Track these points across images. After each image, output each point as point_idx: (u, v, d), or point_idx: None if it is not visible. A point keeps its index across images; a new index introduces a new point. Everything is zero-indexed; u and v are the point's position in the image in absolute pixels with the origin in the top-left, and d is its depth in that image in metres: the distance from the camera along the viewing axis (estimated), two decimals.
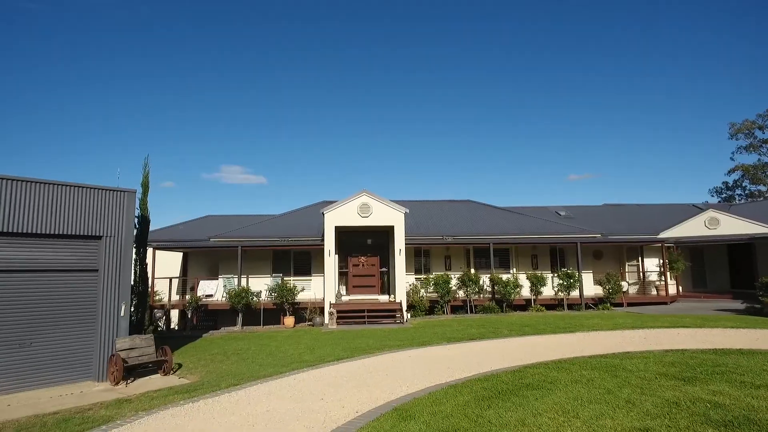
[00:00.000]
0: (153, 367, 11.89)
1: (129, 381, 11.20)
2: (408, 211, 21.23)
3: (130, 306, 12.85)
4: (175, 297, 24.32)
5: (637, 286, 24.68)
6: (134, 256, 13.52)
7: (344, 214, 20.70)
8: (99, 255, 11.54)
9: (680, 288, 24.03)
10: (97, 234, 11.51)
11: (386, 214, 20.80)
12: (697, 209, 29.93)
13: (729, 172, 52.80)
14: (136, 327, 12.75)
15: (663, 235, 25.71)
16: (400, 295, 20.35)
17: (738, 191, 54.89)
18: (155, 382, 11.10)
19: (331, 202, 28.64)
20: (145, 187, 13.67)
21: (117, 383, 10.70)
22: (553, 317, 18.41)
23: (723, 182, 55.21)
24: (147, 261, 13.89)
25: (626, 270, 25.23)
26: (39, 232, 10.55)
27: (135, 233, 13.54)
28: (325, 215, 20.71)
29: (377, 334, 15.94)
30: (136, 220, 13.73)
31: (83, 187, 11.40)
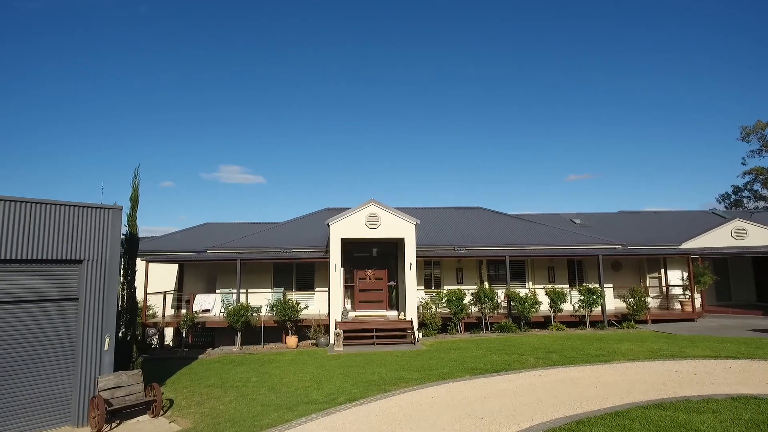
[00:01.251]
0: (141, 407, 10.52)
1: (113, 425, 9.85)
2: (419, 222, 19.88)
3: (116, 336, 11.46)
4: (170, 311, 22.96)
5: (660, 300, 23.34)
6: (122, 279, 12.12)
7: (351, 226, 19.33)
8: (79, 281, 10.16)
9: (704, 302, 22.68)
10: (77, 258, 10.13)
11: (396, 226, 19.44)
12: (718, 217, 28.61)
13: (742, 174, 51.50)
14: (122, 359, 11.36)
15: (686, 245, 24.37)
16: (411, 313, 19.00)
17: (746, 193, 53.65)
18: (143, 426, 9.74)
19: (335, 210, 27.31)
20: (135, 201, 12.30)
21: (99, 429, 9.34)
22: (578, 339, 17.05)
23: (732, 186, 53.93)
24: (136, 285, 12.50)
25: (648, 283, 23.89)
26: (7, 257, 9.17)
27: (122, 254, 12.14)
28: (330, 227, 19.34)
29: (389, 359, 14.57)
30: (123, 238, 12.32)
31: (60, 205, 10.01)
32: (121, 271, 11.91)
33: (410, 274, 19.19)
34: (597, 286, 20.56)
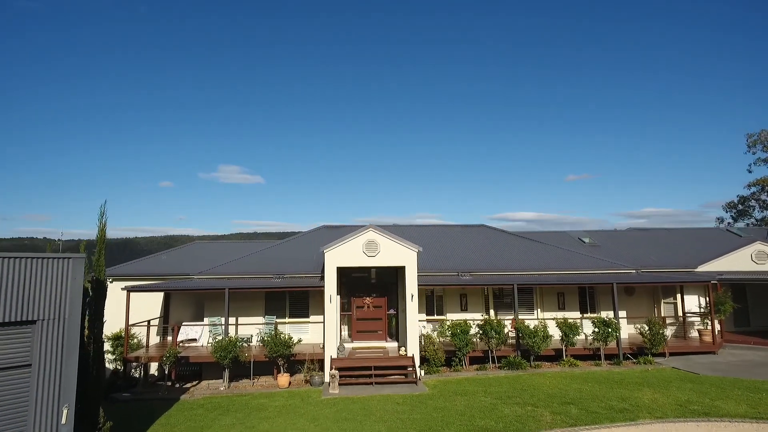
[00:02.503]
0: None
1: None
2: (421, 249, 18.50)
3: (80, 400, 10.04)
4: (156, 338, 21.55)
5: (676, 326, 22.01)
6: (86, 332, 10.71)
7: (348, 253, 17.95)
8: (32, 345, 8.76)
9: (723, 330, 21.33)
10: (30, 318, 8.74)
11: (396, 253, 18.07)
12: (733, 235, 27.31)
13: (749, 186, 50.17)
14: (86, 429, 9.96)
15: (703, 268, 23.05)
16: (412, 348, 17.62)
17: (753, 202, 52.40)
18: None
19: (332, 229, 25.95)
20: (102, 241, 10.91)
21: None
22: (595, 380, 15.67)
23: (738, 196, 52.58)
24: (104, 338, 11.13)
25: (663, 309, 22.55)
26: None
27: (88, 301, 10.73)
28: (325, 254, 17.95)
29: (389, 410, 13.18)
30: (89, 284, 10.92)
31: (7, 258, 8.62)
32: (86, 325, 10.51)
33: (411, 306, 17.82)
34: (611, 316, 19.22)
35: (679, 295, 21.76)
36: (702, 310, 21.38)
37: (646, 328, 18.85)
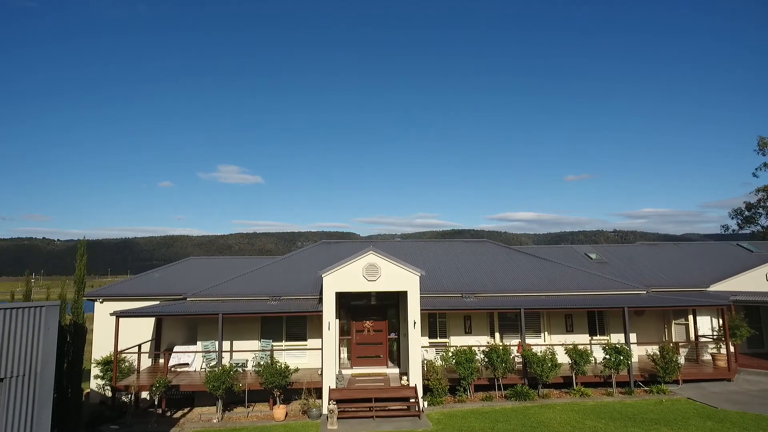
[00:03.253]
0: None
1: None
2: (424, 273, 17.68)
3: None
4: (147, 361, 20.72)
5: (687, 349, 21.17)
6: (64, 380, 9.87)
7: (347, 277, 17.14)
8: None
9: (737, 353, 20.49)
10: None
11: (397, 277, 17.25)
12: (745, 251, 26.49)
13: (756, 191, 49.34)
14: None
15: (715, 287, 22.24)
16: (415, 377, 16.80)
17: (760, 210, 51.60)
18: None
19: (332, 244, 25.17)
20: (81, 280, 10.08)
21: None
22: (608, 415, 14.83)
23: (745, 202, 51.75)
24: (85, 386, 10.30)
25: (674, 330, 21.74)
26: None
27: (68, 343, 9.91)
28: (323, 279, 17.13)
29: None
30: (70, 324, 10.09)
31: None
32: (64, 371, 9.68)
33: (414, 333, 17.00)
34: (622, 340, 18.42)
35: (691, 317, 20.95)
36: (715, 333, 20.55)
37: (659, 354, 18.02)
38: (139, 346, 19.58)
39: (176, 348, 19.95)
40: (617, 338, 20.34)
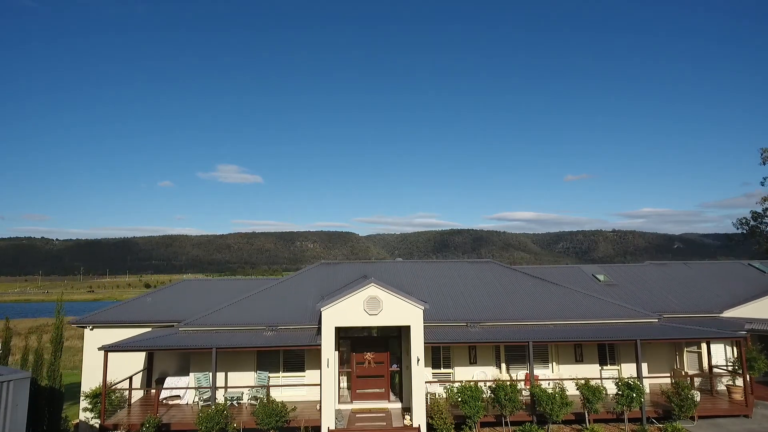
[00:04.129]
0: None
1: None
2: (428, 306, 16.87)
3: None
4: (139, 392, 19.90)
5: (700, 380, 20.36)
6: None
7: (347, 311, 16.33)
8: None
9: (752, 384, 19.69)
10: None
11: (400, 311, 16.44)
12: (757, 271, 25.69)
13: (762, 200, 48.60)
14: None
15: (729, 313, 21.45)
16: (418, 416, 16.00)
17: (766, 219, 50.87)
18: None
19: (331, 265, 24.38)
20: (58, 342, 9.24)
21: None
22: None
23: (752, 211, 51.01)
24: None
25: (686, 358, 20.94)
26: None
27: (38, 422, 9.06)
28: (322, 313, 16.31)
29: None
30: (48, 384, 9.24)
31: None
32: None
33: (418, 370, 16.20)
34: (634, 376, 17.59)
35: (704, 345, 20.17)
36: (730, 364, 19.76)
37: (673, 390, 17.21)
38: (130, 379, 18.79)
39: (168, 380, 19.13)
40: (628, 368, 19.59)
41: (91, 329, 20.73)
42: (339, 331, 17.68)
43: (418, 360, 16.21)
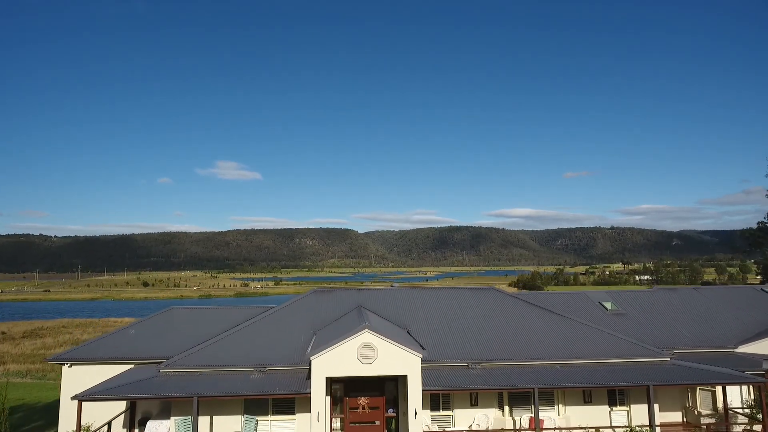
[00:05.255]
0: None
1: None
2: (426, 353, 15.71)
3: None
4: None
5: (715, 418, 19.25)
6: None
7: (339, 360, 15.19)
8: None
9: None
10: None
11: (396, 360, 15.30)
12: (767, 295, 24.58)
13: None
14: None
15: (744, 349, 20.35)
16: None
17: None
18: None
19: (324, 293, 23.20)
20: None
21: None
22: None
23: (759, 222, 50.01)
24: None
25: (698, 398, 19.82)
26: None
27: None
28: (312, 362, 15.16)
29: None
30: None
31: None
32: None
33: (416, 424, 15.04)
34: (646, 425, 16.50)
35: (721, 387, 19.04)
36: (747, 408, 18.66)
37: None
38: (109, 424, 17.65)
39: (149, 424, 17.93)
40: (638, 410, 18.45)
41: (70, 366, 19.56)
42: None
43: (416, 413, 15.07)
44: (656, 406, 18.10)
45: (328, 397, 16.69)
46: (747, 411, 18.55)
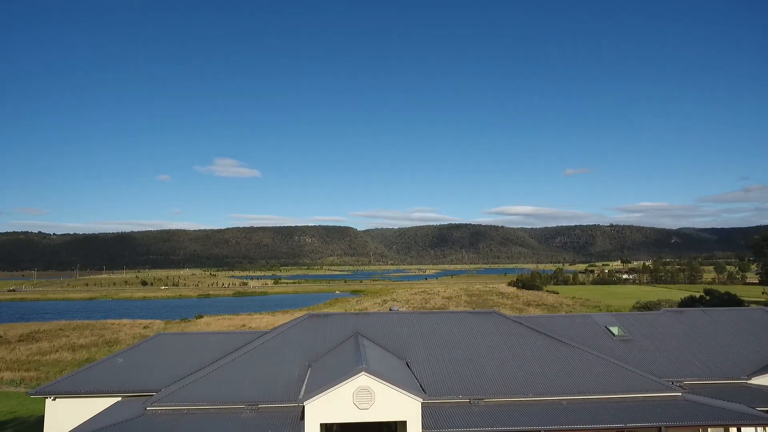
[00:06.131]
0: None
1: None
2: (425, 397, 14.84)
3: None
4: None
5: None
6: None
7: (334, 406, 14.31)
8: None
9: None
10: None
11: (395, 405, 14.43)
12: None
13: None
14: None
15: (757, 380, 19.57)
16: None
17: None
18: None
19: (318, 318, 22.32)
20: None
21: None
22: None
23: (762, 234, 49.17)
24: None
25: None
26: None
27: None
28: (305, 407, 14.28)
29: None
30: None
31: None
32: None
33: None
34: None
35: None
36: None
37: None
38: None
39: None
40: None
41: (54, 400, 18.68)
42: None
43: None
44: None
45: None
46: None
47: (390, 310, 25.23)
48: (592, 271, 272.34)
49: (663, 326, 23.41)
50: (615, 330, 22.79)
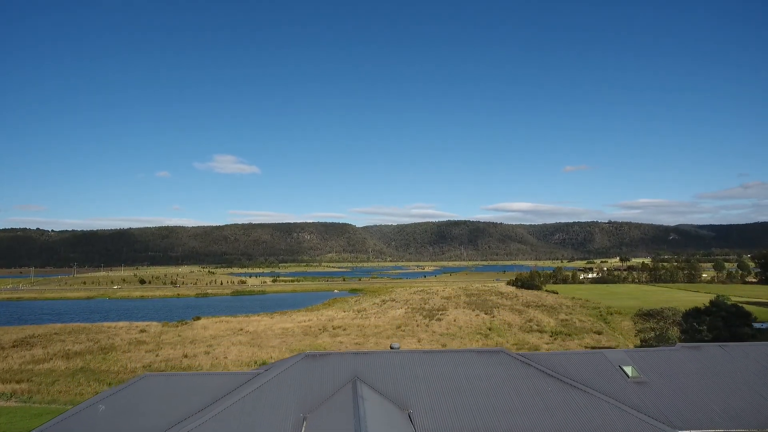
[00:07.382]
0: None
1: None
2: None
3: None
4: None
5: None
6: None
7: None
8: None
9: None
10: None
11: None
12: None
13: None
14: None
15: None
16: None
17: None
18: None
19: (315, 359, 21.05)
20: None
21: None
22: None
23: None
24: None
25: None
26: None
27: None
28: None
29: None
30: None
31: None
32: None
33: None
34: None
35: None
36: None
37: None
38: None
39: None
40: None
41: None
42: None
43: None
44: None
45: None
46: None
47: (390, 348, 23.96)
48: (590, 269, 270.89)
49: (679, 364, 22.12)
50: (629, 370, 21.50)
